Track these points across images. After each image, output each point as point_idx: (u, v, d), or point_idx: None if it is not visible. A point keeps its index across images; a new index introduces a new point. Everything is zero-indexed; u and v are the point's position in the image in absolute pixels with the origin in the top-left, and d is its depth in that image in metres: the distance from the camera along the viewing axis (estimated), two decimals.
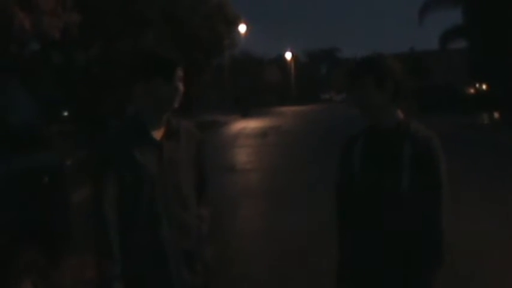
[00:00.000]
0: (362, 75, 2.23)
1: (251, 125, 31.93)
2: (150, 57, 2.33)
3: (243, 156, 16.03)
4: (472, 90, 36.29)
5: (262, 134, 23.72)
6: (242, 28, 35.89)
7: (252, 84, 66.78)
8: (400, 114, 2.27)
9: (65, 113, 21.68)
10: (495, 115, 26.18)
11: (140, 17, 20.55)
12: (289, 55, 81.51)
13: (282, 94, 77.39)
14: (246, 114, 44.63)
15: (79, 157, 6.44)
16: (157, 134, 2.31)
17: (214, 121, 33.96)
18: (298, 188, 9.64)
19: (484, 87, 33.69)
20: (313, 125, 29.61)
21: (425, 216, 2.16)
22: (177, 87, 2.30)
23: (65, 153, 5.10)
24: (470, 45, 31.29)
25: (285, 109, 56.90)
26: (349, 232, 2.36)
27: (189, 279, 2.32)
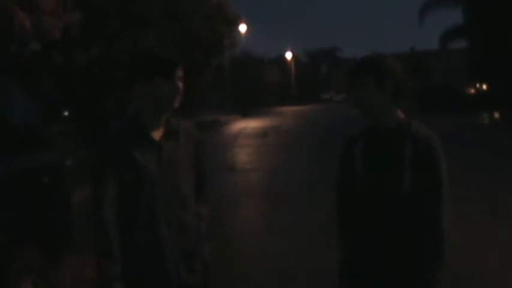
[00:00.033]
0: (362, 75, 2.23)
1: (251, 124, 31.92)
2: (150, 57, 2.32)
3: (243, 156, 16.03)
4: (472, 90, 36.26)
5: (262, 134, 23.70)
6: (242, 28, 35.88)
7: (252, 84, 66.68)
8: (400, 114, 2.27)
9: (65, 113, 21.70)
10: (495, 115, 26.15)
11: (140, 17, 20.52)
12: (289, 55, 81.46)
13: (282, 94, 77.29)
14: (246, 114, 44.65)
15: (79, 157, 6.45)
16: (156, 134, 2.31)
17: (214, 121, 33.96)
18: (298, 188, 9.64)
19: (484, 87, 33.66)
20: (313, 125, 29.59)
21: (425, 216, 2.16)
22: (177, 87, 2.29)
23: (65, 153, 5.11)
24: (471, 45, 31.29)
25: (285, 109, 56.88)
26: (349, 232, 2.36)
27: (189, 278, 2.32)
